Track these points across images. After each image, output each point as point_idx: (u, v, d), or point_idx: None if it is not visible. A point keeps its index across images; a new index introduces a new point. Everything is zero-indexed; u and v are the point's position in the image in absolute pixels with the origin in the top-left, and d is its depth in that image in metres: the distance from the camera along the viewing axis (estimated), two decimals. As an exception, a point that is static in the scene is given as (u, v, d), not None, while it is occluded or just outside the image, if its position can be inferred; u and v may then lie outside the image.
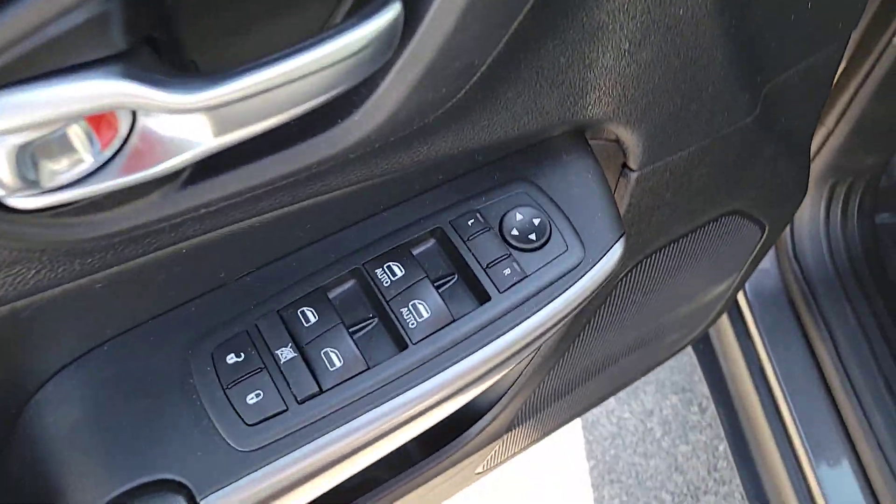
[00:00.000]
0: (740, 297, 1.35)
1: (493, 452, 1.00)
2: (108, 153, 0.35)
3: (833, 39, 0.73)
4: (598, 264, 0.56)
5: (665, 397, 1.85)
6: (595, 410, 1.84)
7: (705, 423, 1.81)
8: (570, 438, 1.80)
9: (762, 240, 0.91)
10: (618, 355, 0.99)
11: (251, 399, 0.49)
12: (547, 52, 0.50)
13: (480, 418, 0.88)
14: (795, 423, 1.24)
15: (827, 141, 1.15)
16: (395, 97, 0.43)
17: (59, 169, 0.35)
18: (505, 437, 0.96)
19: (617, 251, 0.57)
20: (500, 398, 0.86)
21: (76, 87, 0.32)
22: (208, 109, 0.35)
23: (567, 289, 0.55)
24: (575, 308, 0.56)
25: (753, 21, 0.59)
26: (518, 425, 0.96)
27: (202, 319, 0.52)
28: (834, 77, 0.78)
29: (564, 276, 0.55)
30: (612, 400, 1.85)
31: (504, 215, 0.57)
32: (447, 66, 0.43)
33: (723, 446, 1.78)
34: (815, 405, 1.24)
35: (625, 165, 0.65)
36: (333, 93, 0.39)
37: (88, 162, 0.35)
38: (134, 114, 0.35)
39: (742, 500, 1.71)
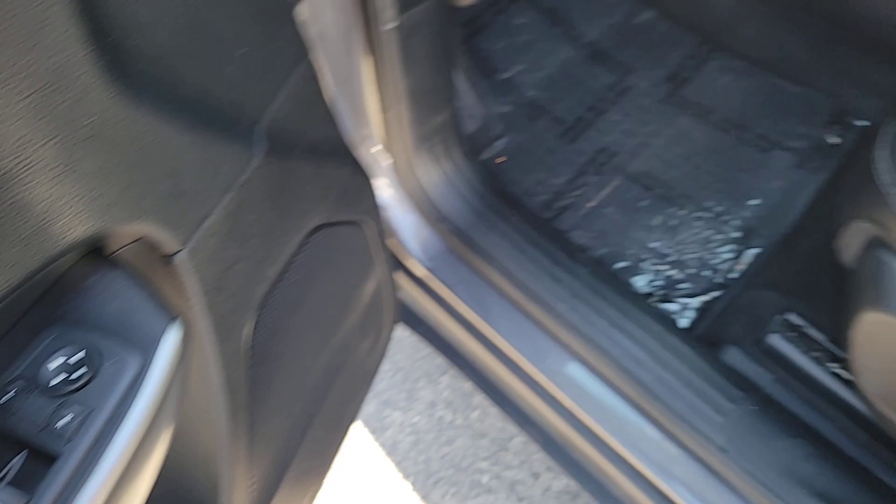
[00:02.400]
0: (423, 272, 1.47)
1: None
2: None
3: (302, 57, 0.82)
4: (157, 355, 0.59)
5: (436, 382, 1.95)
6: (390, 431, 1.89)
7: (480, 383, 1.95)
8: (380, 468, 1.85)
9: (366, 233, 1.00)
10: (321, 389, 1.03)
11: None
12: None
13: None
14: (511, 346, 1.39)
15: (400, 118, 1.29)
16: None
17: None
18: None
19: (172, 333, 0.60)
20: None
21: None
22: None
23: (138, 393, 0.57)
24: (164, 400, 0.59)
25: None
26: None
27: None
28: (322, 91, 0.87)
29: (133, 384, 0.57)
30: (398, 414, 1.92)
31: (40, 368, 0.56)
32: None
33: (503, 393, 1.92)
34: (519, 324, 1.39)
35: (165, 255, 0.68)
36: None
37: None
38: None
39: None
